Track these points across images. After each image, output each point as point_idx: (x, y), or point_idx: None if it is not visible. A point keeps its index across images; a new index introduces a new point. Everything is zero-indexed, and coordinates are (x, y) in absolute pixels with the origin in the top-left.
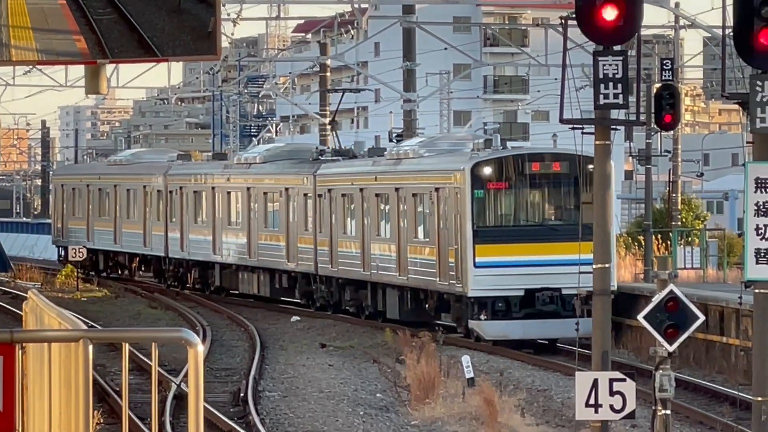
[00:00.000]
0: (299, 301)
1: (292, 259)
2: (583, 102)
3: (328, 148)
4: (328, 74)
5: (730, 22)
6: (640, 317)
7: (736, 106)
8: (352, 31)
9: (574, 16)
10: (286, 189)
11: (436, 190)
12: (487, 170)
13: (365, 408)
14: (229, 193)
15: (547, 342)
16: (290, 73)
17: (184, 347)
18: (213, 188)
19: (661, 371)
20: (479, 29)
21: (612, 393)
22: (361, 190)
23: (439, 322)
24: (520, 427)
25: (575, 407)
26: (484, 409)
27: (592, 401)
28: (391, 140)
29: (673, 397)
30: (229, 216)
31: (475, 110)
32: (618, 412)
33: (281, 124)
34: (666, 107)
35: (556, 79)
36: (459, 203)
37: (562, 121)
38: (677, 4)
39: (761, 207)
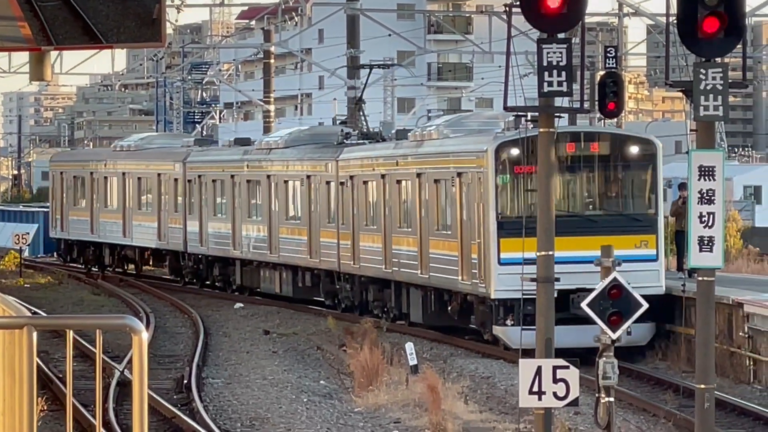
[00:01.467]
0: (324, 301)
1: (314, 254)
2: (528, 89)
3: (354, 130)
4: (272, 61)
5: (674, 9)
6: (583, 305)
7: (680, 94)
8: (296, 18)
9: (518, 3)
10: (308, 177)
11: (459, 175)
12: (514, 151)
13: (309, 395)
14: (249, 181)
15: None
16: (234, 60)
17: (128, 334)
18: (232, 176)
19: (604, 359)
20: (423, 16)
21: (555, 380)
22: (383, 176)
23: (469, 326)
24: (464, 414)
25: (518, 394)
26: (428, 396)
27: (535, 388)
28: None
29: (617, 385)
30: (249, 207)
31: (419, 97)
32: (561, 399)
33: (225, 110)
34: (609, 95)
35: (500, 66)
36: (482, 190)
37: (506, 108)
38: None
39: (705, 195)
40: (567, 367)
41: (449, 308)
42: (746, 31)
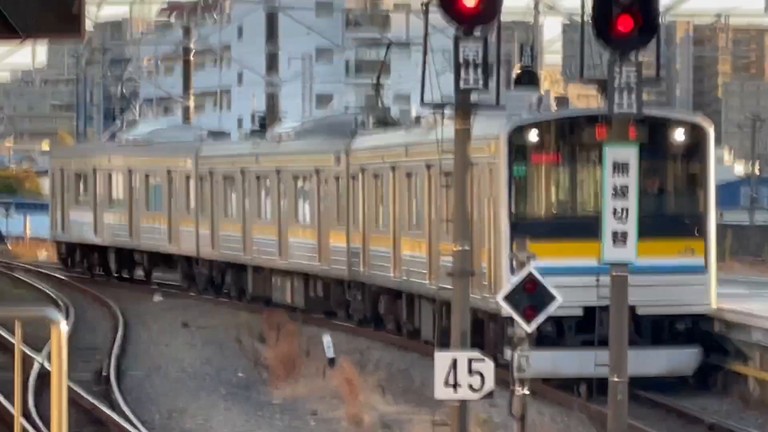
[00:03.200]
0: (336, 313)
1: (323, 260)
2: (444, 85)
3: (370, 117)
4: (192, 57)
5: (589, 8)
6: (499, 298)
7: (595, 91)
8: (215, 15)
9: (435, 1)
10: (317, 171)
11: (471, 165)
12: (532, 137)
13: (227, 387)
14: (258, 177)
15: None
16: (154, 55)
17: (47, 325)
18: (242, 171)
19: (519, 351)
20: (341, 13)
21: (471, 373)
22: (393, 168)
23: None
24: (380, 405)
25: (434, 387)
26: (345, 388)
27: (451, 381)
28: (253, 121)
29: (528, 377)
30: (258, 206)
31: (338, 93)
32: (476, 391)
33: (145, 105)
34: (525, 80)
35: (417, 63)
36: (492, 183)
37: (422, 104)
38: None
39: (618, 190)
40: (482, 360)
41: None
42: (660, 29)
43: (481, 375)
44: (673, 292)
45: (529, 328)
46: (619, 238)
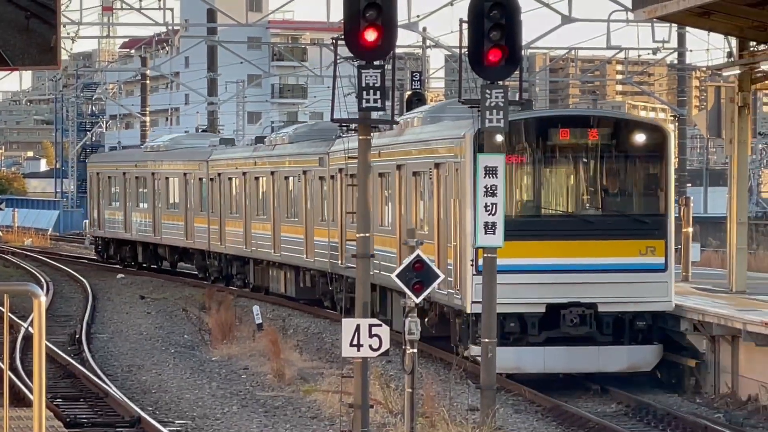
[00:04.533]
0: (324, 303)
1: (310, 254)
2: (350, 105)
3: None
4: (148, 82)
5: (466, 43)
6: (393, 275)
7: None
8: (167, 48)
9: (343, 37)
10: (304, 172)
11: (437, 166)
12: (498, 138)
13: (176, 347)
14: (256, 178)
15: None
16: (117, 81)
17: (30, 298)
18: (244, 174)
19: (409, 318)
20: (268, 47)
21: (371, 335)
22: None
23: (451, 344)
24: (299, 362)
25: (342, 347)
26: (270, 348)
27: (355, 342)
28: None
29: (419, 339)
30: (256, 205)
31: (265, 111)
32: (376, 350)
33: (110, 121)
34: (414, 104)
35: (328, 87)
36: (458, 184)
37: (333, 120)
38: (424, 29)
39: (489, 189)
40: (380, 325)
41: (426, 320)
42: (522, 60)
43: (379, 337)
44: (634, 289)
45: (417, 299)
46: (490, 227)
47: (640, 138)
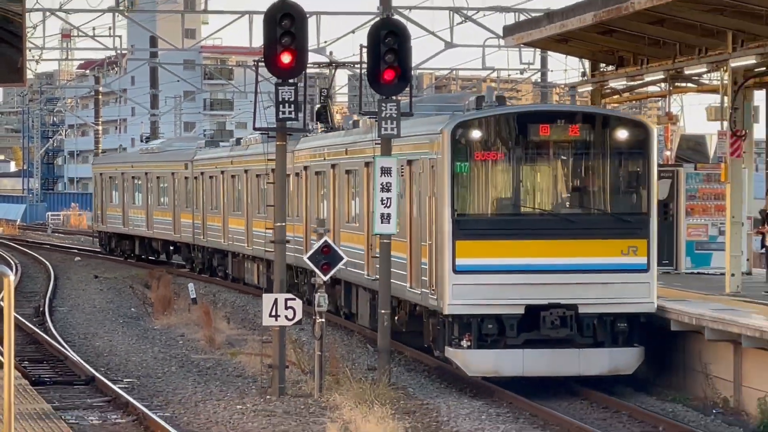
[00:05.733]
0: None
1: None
2: (269, 116)
3: (317, 124)
4: (100, 97)
5: (365, 65)
6: (305, 258)
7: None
8: (116, 68)
9: (263, 60)
10: (272, 170)
11: (409, 163)
12: (475, 134)
13: (124, 318)
14: (233, 176)
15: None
16: (74, 96)
17: (1, 277)
18: (222, 172)
19: (318, 293)
20: (201, 68)
21: (287, 308)
22: (333, 166)
23: (425, 344)
24: (227, 330)
25: (263, 317)
26: (203, 319)
27: (273, 313)
28: (142, 141)
29: (326, 311)
30: (233, 202)
31: (198, 121)
32: (290, 320)
33: (68, 129)
34: (323, 120)
35: (251, 101)
36: (435, 181)
37: (255, 128)
38: (331, 53)
39: (384, 186)
40: (294, 299)
41: (396, 318)
42: (412, 79)
43: (294, 309)
44: (614, 289)
45: (325, 278)
46: (385, 218)
47: (622, 134)
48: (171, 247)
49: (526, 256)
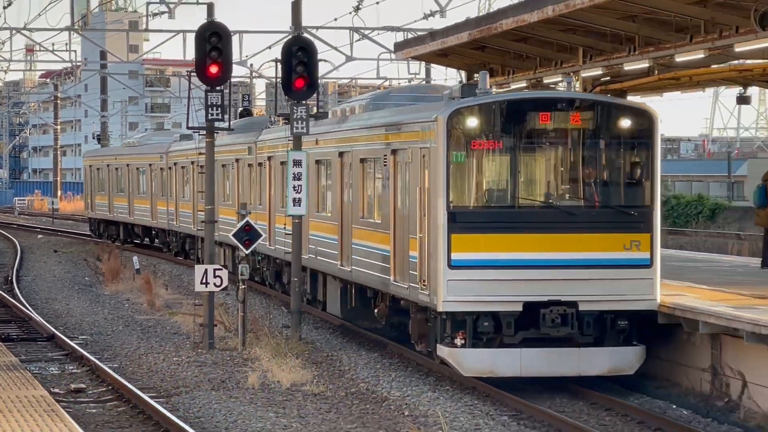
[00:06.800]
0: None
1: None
2: (200, 117)
3: (273, 118)
4: (59, 101)
5: (280, 74)
6: (230, 235)
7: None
8: (72, 77)
9: (195, 70)
10: (237, 160)
11: (393, 152)
12: (472, 122)
13: (79, 285)
14: (201, 166)
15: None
16: (37, 101)
17: None
18: (192, 163)
19: (241, 264)
20: (143, 77)
21: (215, 276)
22: (278, 161)
23: (414, 343)
24: (165, 295)
25: (195, 284)
26: (145, 286)
27: (204, 281)
28: (93, 138)
29: (247, 279)
30: (183, 191)
31: (141, 122)
32: (218, 287)
33: (32, 128)
34: (245, 118)
35: (185, 104)
36: (428, 171)
37: (188, 127)
38: (251, 65)
39: (296, 175)
40: (221, 269)
41: (376, 311)
42: (318, 87)
43: (221, 278)
44: (616, 286)
45: (247, 251)
46: (297, 202)
47: (626, 123)
48: (153, 232)
49: (524, 250)
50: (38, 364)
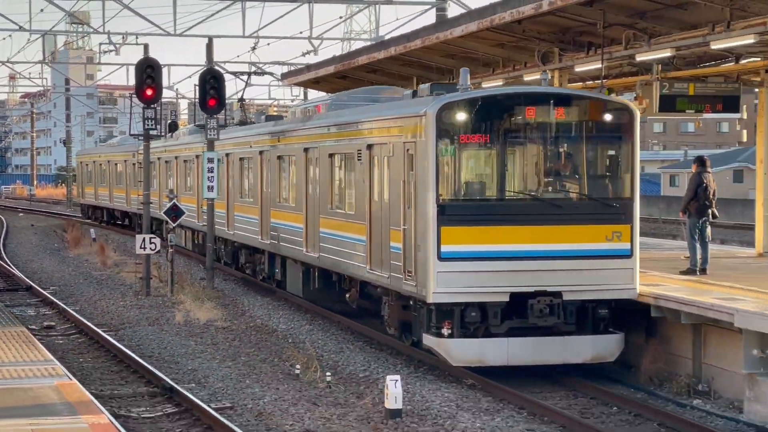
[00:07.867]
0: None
1: (200, 220)
2: (140, 127)
3: (231, 120)
4: (34, 116)
5: (198, 95)
6: (161, 213)
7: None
8: (45, 97)
9: (135, 93)
10: (197, 156)
11: (369, 147)
12: (461, 116)
13: (50, 251)
14: (167, 162)
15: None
16: (18, 115)
17: None
18: (158, 158)
19: (170, 234)
20: (97, 98)
21: (150, 243)
22: (261, 153)
23: (386, 327)
24: (113, 257)
25: (135, 248)
26: (100, 249)
27: (142, 246)
28: (61, 142)
29: (175, 245)
30: (166, 182)
31: (96, 130)
32: (153, 250)
33: (14, 135)
34: (173, 128)
35: (127, 117)
36: (415, 165)
37: (130, 134)
38: (177, 89)
39: (210, 170)
40: (155, 237)
41: (348, 295)
42: (225, 105)
43: (155, 243)
44: (598, 276)
45: (174, 224)
46: (210, 188)
47: (608, 118)
48: (128, 215)
49: (512, 242)
50: (19, 308)
